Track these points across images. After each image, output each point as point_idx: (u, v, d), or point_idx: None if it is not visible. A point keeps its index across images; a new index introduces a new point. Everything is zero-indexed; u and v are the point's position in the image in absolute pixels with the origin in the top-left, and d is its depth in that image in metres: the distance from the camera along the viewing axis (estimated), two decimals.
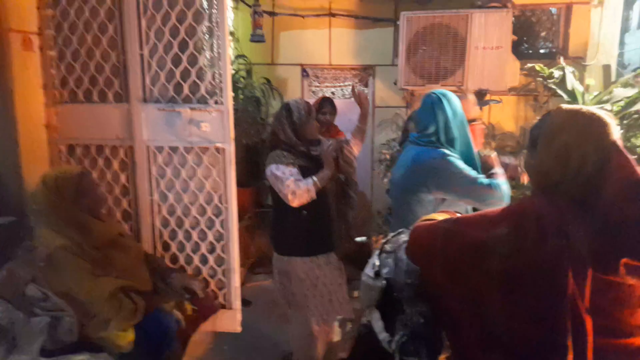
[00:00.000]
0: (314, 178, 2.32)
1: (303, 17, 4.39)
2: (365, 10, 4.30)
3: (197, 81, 2.42)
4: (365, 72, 4.54)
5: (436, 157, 1.91)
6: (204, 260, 2.57)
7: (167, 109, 2.44)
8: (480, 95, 3.74)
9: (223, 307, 2.56)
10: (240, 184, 4.53)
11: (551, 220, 1.03)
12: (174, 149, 2.51)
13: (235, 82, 4.26)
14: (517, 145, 4.03)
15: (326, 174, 2.35)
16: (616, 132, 1.07)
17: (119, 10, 2.42)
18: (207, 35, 2.38)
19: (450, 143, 1.97)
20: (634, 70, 7.80)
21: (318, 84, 4.72)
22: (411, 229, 1.35)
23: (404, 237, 1.55)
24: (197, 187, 2.53)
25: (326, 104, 3.79)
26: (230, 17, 4.54)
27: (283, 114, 2.44)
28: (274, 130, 2.48)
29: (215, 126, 2.43)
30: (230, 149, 2.45)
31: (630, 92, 3.49)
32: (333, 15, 4.37)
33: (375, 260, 1.48)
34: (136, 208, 2.57)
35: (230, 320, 2.57)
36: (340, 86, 4.68)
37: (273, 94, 4.62)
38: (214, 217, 2.53)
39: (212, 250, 2.55)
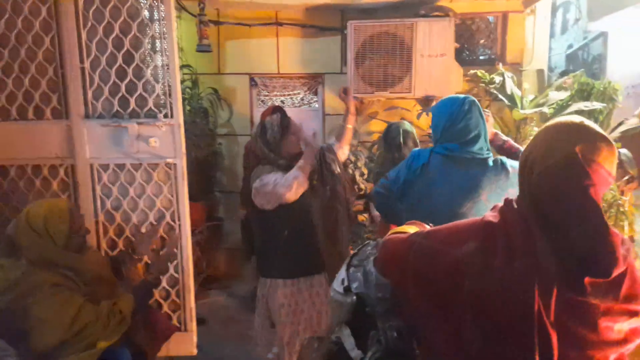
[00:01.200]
0: (298, 164, 2.21)
1: (249, 26, 4.33)
2: (312, 19, 4.30)
3: (145, 94, 2.31)
4: (315, 81, 4.54)
5: (513, 165, 1.77)
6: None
7: (112, 124, 2.31)
8: (427, 101, 3.84)
9: (178, 329, 2.45)
10: (190, 198, 4.41)
11: (520, 239, 1.05)
12: (121, 167, 2.38)
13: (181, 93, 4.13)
14: None
15: (308, 158, 2.22)
16: (591, 146, 1.03)
17: (56, 22, 2.27)
18: (154, 47, 2.28)
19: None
20: (561, 73, 8.33)
21: (267, 93, 4.67)
22: (382, 242, 1.34)
23: (370, 249, 1.53)
24: (147, 206, 2.41)
25: (276, 112, 3.75)
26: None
27: (257, 133, 2.36)
28: (251, 150, 2.38)
29: (166, 141, 2.33)
30: (182, 164, 2.36)
31: (563, 95, 3.71)
32: (280, 24, 4.35)
33: (343, 275, 1.46)
34: None
35: (186, 343, 2.46)
36: (289, 95, 4.65)
37: (221, 104, 4.52)
38: (166, 236, 2.42)
39: (163, 271, 2.43)
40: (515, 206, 1.11)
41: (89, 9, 2.24)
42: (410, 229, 1.45)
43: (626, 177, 3.48)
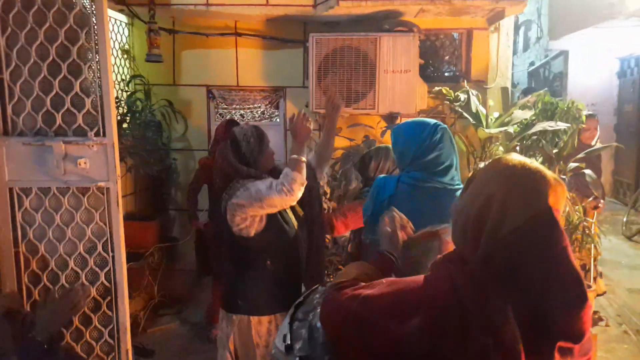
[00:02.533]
0: (291, 161, 1.94)
1: (207, 35, 4.11)
2: (273, 31, 4.12)
3: (73, 110, 2.05)
4: (276, 94, 4.35)
5: None
6: (87, 321, 2.17)
7: (35, 143, 2.04)
8: (392, 118, 3.70)
9: None
10: (142, 217, 4.13)
11: (475, 312, 0.87)
12: (46, 191, 2.10)
13: (131, 106, 3.86)
14: None
15: (299, 142, 1.99)
16: (556, 197, 0.92)
17: None
18: (85, 57, 2.03)
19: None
20: (523, 91, 8.46)
21: (226, 106, 4.44)
22: (322, 299, 1.14)
23: (318, 298, 1.33)
24: (77, 235, 2.13)
25: (232, 125, 3.53)
26: (124, 34, 4.14)
27: (228, 148, 2.06)
28: (221, 170, 2.07)
29: (97, 162, 2.07)
30: (116, 188, 2.10)
31: (528, 114, 3.64)
32: (239, 34, 4.14)
33: (285, 330, 1.25)
34: None
35: None
36: (249, 108, 4.44)
37: (176, 117, 4.26)
38: (97, 269, 2.15)
39: (96, 308, 2.16)
40: (464, 267, 0.94)
41: (8, 12, 1.98)
42: (352, 270, 1.25)
43: (591, 198, 3.42)
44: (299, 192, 1.94)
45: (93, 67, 2.03)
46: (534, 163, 0.97)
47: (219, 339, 2.21)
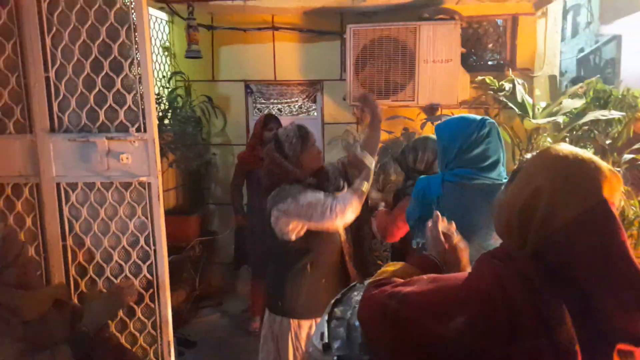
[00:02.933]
0: (355, 185, 1.95)
1: (244, 30, 4.12)
2: (310, 24, 4.08)
3: (115, 106, 2.09)
4: (313, 88, 4.31)
5: None
6: (131, 313, 2.22)
7: (80, 139, 2.09)
8: (432, 110, 3.60)
9: None
10: (183, 211, 4.20)
11: (524, 311, 0.81)
12: (90, 186, 2.16)
13: (172, 102, 3.93)
14: None
15: (366, 179, 1.98)
16: (611, 189, 0.84)
17: (17, 27, 2.06)
18: (126, 54, 2.06)
19: None
20: (572, 79, 8.06)
21: (264, 101, 4.45)
22: (361, 297, 1.09)
23: (357, 296, 1.29)
24: (120, 229, 2.19)
25: (270, 120, 3.54)
26: (165, 31, 4.21)
27: (272, 149, 2.05)
28: (269, 171, 2.06)
29: (138, 157, 2.11)
30: (157, 183, 2.13)
31: (578, 103, 3.45)
32: (276, 28, 4.13)
33: (322, 328, 1.22)
34: (46, 255, 2.19)
35: None
36: (287, 102, 4.43)
37: (215, 112, 4.30)
38: (140, 262, 2.19)
39: (139, 300, 2.20)
40: (511, 263, 0.87)
41: (53, 12, 2.03)
42: (392, 269, 1.20)
43: None
44: (351, 218, 1.93)
45: (134, 64, 2.06)
46: (586, 153, 0.90)
47: (263, 336, 2.20)
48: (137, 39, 2.03)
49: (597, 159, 0.89)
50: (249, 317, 3.83)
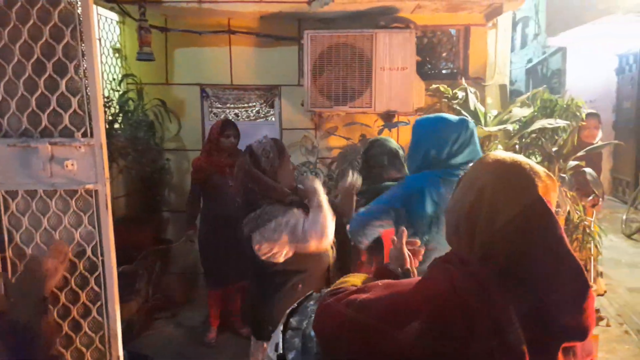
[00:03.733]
0: (319, 202, 1.88)
1: (199, 33, 4.04)
2: (267, 28, 4.05)
3: (59, 110, 1.98)
4: (271, 93, 4.28)
5: None
6: (77, 327, 2.10)
7: (20, 144, 1.97)
8: (389, 117, 3.65)
9: None
10: (135, 219, 4.06)
11: (479, 313, 0.82)
12: (32, 193, 2.03)
13: (122, 105, 3.79)
14: None
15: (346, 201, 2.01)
16: (546, 189, 0.91)
17: None
18: (71, 55, 1.96)
19: None
20: (521, 90, 8.36)
21: (220, 105, 4.37)
22: (318, 305, 1.08)
23: (312, 305, 1.27)
24: (65, 239, 2.06)
25: (229, 126, 3.47)
26: (115, 32, 4.06)
27: (248, 163, 1.94)
28: (245, 187, 1.94)
29: (85, 164, 2.00)
30: (105, 191, 2.03)
31: (527, 111, 3.59)
32: (233, 32, 4.07)
33: (278, 339, 1.19)
34: None
35: None
36: (244, 107, 4.37)
37: (169, 116, 4.19)
38: (87, 274, 2.08)
39: (86, 314, 2.09)
40: (463, 267, 0.89)
41: None
42: (357, 279, 1.20)
43: (591, 197, 3.38)
44: (332, 233, 1.89)
45: (80, 66, 1.96)
46: (523, 157, 0.97)
47: None
48: (83, 39, 1.93)
49: (532, 163, 0.96)
50: (206, 328, 3.73)
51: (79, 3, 1.91)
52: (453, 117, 1.83)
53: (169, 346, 3.64)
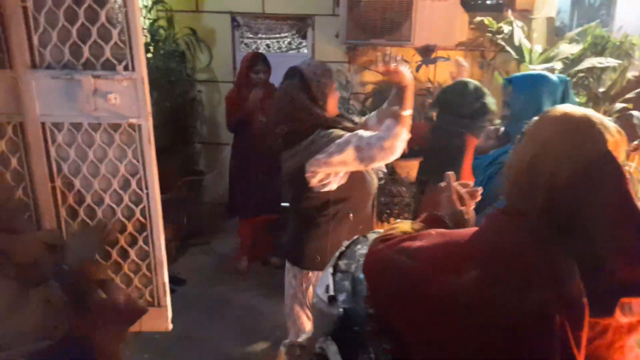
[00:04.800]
0: (394, 112, 1.75)
1: None
2: None
3: (100, 42, 1.95)
4: (304, 23, 4.12)
5: None
6: (124, 255, 2.21)
7: (64, 76, 1.97)
8: (427, 51, 3.50)
9: (151, 305, 2.25)
10: (168, 150, 4.11)
11: (536, 264, 0.82)
12: (78, 126, 2.06)
13: (153, 34, 3.71)
14: None
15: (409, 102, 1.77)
16: (615, 144, 0.88)
17: None
18: None
19: None
20: (564, 21, 7.83)
21: (251, 35, 4.25)
22: (367, 252, 1.09)
23: (361, 249, 1.29)
24: (110, 171, 2.12)
25: (258, 61, 3.38)
26: None
27: (295, 87, 1.83)
28: (293, 117, 1.84)
29: (127, 98, 2.00)
30: (148, 125, 2.04)
31: (575, 48, 3.39)
32: None
33: (327, 281, 1.23)
34: (34, 197, 2.13)
35: (159, 319, 2.27)
36: (276, 38, 4.24)
37: (200, 46, 4.10)
38: (132, 206, 2.15)
39: (133, 243, 2.19)
40: (523, 219, 0.89)
41: None
42: (405, 225, 1.20)
43: (636, 142, 3.26)
44: (401, 150, 1.78)
45: None
46: (592, 111, 0.93)
47: (290, 295, 2.13)
48: None
49: (603, 117, 0.92)
50: (237, 256, 3.89)
51: None
52: (552, 76, 1.88)
53: (202, 272, 3.84)
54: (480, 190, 1.27)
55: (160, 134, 4.15)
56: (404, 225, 1.21)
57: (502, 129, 2.18)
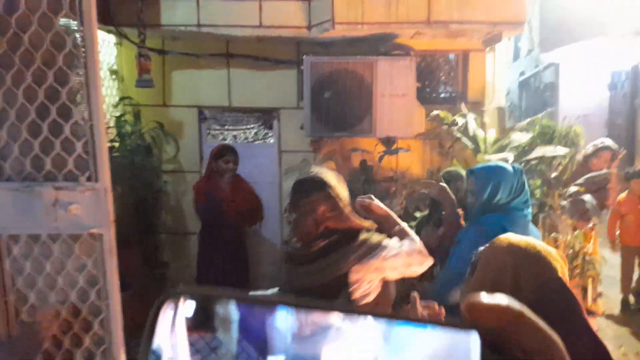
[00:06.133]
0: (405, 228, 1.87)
1: (197, 56, 4.02)
2: (266, 52, 4.04)
3: (63, 154, 1.95)
4: (269, 115, 4.27)
5: None
6: None
7: (23, 189, 1.93)
8: (389, 142, 3.65)
9: None
10: (131, 243, 4.01)
11: None
12: (35, 238, 1.99)
13: (119, 129, 3.75)
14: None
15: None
16: (560, 267, 0.99)
17: None
18: (74, 99, 1.93)
19: None
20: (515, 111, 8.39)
21: (218, 127, 4.35)
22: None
23: None
24: (68, 283, 2.03)
25: (226, 152, 3.45)
26: (112, 54, 4.03)
27: (330, 198, 1.78)
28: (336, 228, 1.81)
29: (89, 208, 1.97)
30: (110, 235, 2.00)
31: (526, 137, 3.62)
32: (231, 55, 4.06)
33: None
34: None
35: None
36: (242, 129, 4.35)
37: (167, 139, 4.15)
38: (91, 318, 2.05)
39: (90, 358, 2.06)
40: None
41: None
42: None
43: (590, 225, 3.41)
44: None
45: (84, 109, 1.93)
46: (536, 241, 1.05)
47: None
48: (88, 85, 1.90)
49: (544, 245, 1.04)
50: None
51: (86, 49, 1.88)
52: (508, 165, 2.14)
53: None
54: (442, 312, 1.29)
55: (124, 226, 4.09)
56: None
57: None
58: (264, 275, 4.05)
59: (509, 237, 1.05)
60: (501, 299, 0.34)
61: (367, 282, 1.81)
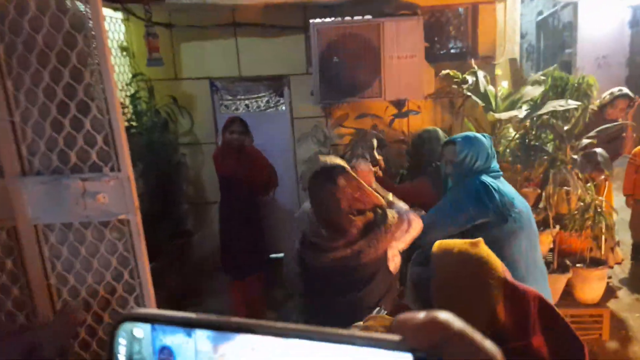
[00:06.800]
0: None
1: (205, 28, 4.02)
2: (272, 19, 4.01)
3: (86, 147, 2.07)
4: (280, 82, 4.29)
5: None
6: None
7: (53, 181, 2.07)
8: (399, 104, 3.67)
9: None
10: (157, 215, 4.20)
11: None
12: (69, 225, 2.15)
13: (136, 106, 3.85)
14: None
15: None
16: (502, 271, 1.15)
17: None
18: (91, 94, 2.02)
19: None
20: (532, 43, 8.12)
21: (230, 97, 4.40)
22: None
23: None
24: (103, 265, 2.21)
25: (231, 123, 3.48)
26: (121, 30, 4.06)
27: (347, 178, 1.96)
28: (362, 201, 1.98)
29: (115, 196, 2.10)
30: (136, 219, 2.14)
31: (538, 90, 3.58)
32: (238, 24, 4.05)
33: None
34: (30, 295, 2.20)
35: None
36: (254, 98, 4.40)
37: (181, 112, 4.24)
38: (126, 295, 2.23)
39: None
40: None
41: (11, 54, 1.96)
42: (384, 321, 1.32)
43: (602, 177, 3.42)
44: None
45: (101, 104, 2.03)
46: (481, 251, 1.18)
47: None
48: (103, 79, 1.99)
49: (487, 251, 1.19)
50: (230, 315, 3.91)
51: (94, 44, 1.95)
52: (481, 136, 2.42)
53: None
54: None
55: (149, 201, 4.27)
56: (383, 321, 1.32)
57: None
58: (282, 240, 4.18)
59: (441, 245, 1.21)
60: (439, 315, 0.32)
61: (399, 255, 1.98)
